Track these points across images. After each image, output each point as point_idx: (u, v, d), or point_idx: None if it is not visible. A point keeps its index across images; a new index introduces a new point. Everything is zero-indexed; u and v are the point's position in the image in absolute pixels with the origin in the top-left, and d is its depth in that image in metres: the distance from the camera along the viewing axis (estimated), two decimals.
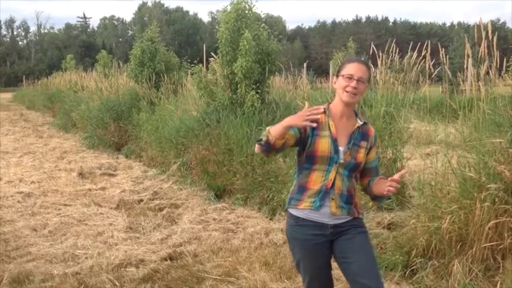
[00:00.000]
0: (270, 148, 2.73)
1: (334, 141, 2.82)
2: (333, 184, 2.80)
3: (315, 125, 2.67)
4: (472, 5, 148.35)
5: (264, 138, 2.70)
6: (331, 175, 2.80)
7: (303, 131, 2.81)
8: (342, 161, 2.80)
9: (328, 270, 2.98)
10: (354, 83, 2.79)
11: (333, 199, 2.81)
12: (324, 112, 2.86)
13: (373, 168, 2.95)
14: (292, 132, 2.77)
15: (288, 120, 2.66)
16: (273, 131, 2.68)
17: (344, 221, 2.85)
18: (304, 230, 2.86)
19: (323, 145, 2.81)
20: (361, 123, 2.89)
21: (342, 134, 2.85)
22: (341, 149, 2.81)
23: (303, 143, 2.85)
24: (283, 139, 2.70)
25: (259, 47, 7.89)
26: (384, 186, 2.75)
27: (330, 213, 2.81)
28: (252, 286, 4.34)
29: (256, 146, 2.77)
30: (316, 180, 2.83)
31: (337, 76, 2.88)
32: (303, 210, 2.85)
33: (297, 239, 2.91)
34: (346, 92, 2.81)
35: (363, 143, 2.88)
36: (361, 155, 2.86)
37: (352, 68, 2.82)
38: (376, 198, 2.96)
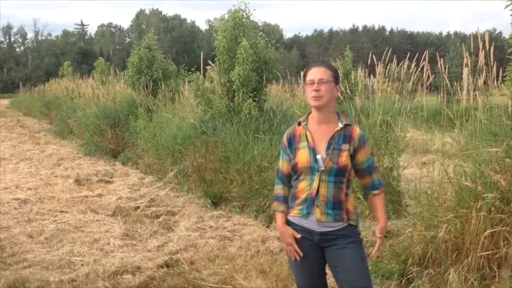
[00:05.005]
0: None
1: (313, 151, 2.88)
2: (318, 192, 2.86)
3: (297, 257, 2.94)
4: (468, 14, 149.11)
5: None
6: (315, 184, 2.87)
7: (289, 155, 3.00)
8: (322, 168, 2.84)
9: (320, 275, 3.03)
10: (315, 86, 2.88)
11: (317, 206, 2.87)
12: (300, 124, 2.97)
13: (365, 169, 2.97)
14: (286, 160, 3.02)
15: (280, 232, 3.07)
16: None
17: (332, 229, 2.89)
18: None
19: (302, 156, 2.90)
20: (342, 125, 2.91)
21: (321, 141, 2.90)
22: (319, 156, 2.85)
23: None
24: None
25: (257, 55, 7.91)
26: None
27: (316, 220, 2.88)
28: None
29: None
30: (303, 189, 2.92)
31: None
32: (294, 216, 2.97)
33: None
34: (312, 97, 2.89)
35: (345, 146, 2.88)
36: (343, 159, 2.86)
37: (311, 74, 2.94)
38: None
